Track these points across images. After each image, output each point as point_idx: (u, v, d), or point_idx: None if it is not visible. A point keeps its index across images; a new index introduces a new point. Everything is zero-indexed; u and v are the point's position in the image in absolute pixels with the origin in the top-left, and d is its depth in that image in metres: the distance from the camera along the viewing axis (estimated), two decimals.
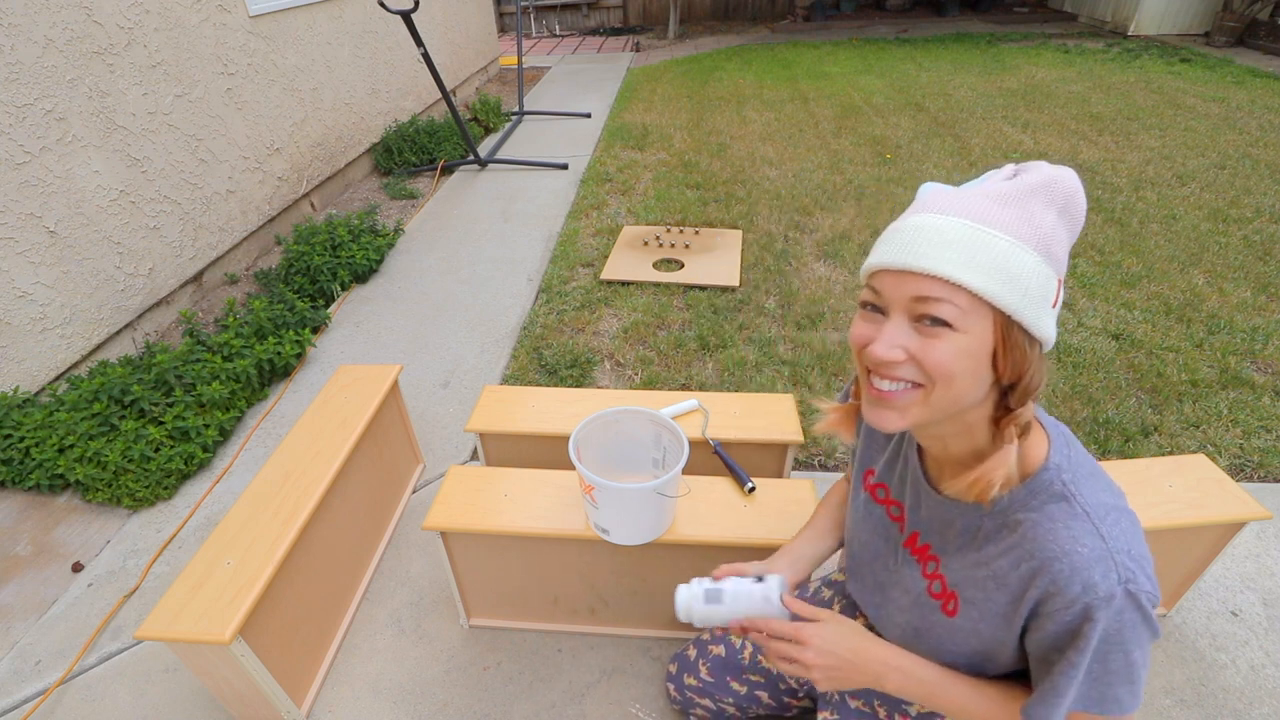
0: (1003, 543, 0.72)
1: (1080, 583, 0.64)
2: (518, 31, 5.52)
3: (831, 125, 4.98)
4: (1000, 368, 0.65)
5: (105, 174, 2.46)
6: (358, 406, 1.69)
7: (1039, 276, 0.63)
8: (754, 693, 1.20)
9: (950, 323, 0.63)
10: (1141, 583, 0.64)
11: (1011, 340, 0.64)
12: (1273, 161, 3.99)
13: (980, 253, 0.62)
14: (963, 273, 0.61)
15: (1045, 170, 0.65)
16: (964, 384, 0.65)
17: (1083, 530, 0.66)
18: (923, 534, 0.84)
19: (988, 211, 0.63)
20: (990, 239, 0.62)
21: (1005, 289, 0.61)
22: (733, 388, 2.33)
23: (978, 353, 0.64)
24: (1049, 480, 0.69)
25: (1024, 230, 0.63)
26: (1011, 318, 0.62)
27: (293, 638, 1.39)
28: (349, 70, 4.08)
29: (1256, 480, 1.91)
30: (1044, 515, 0.68)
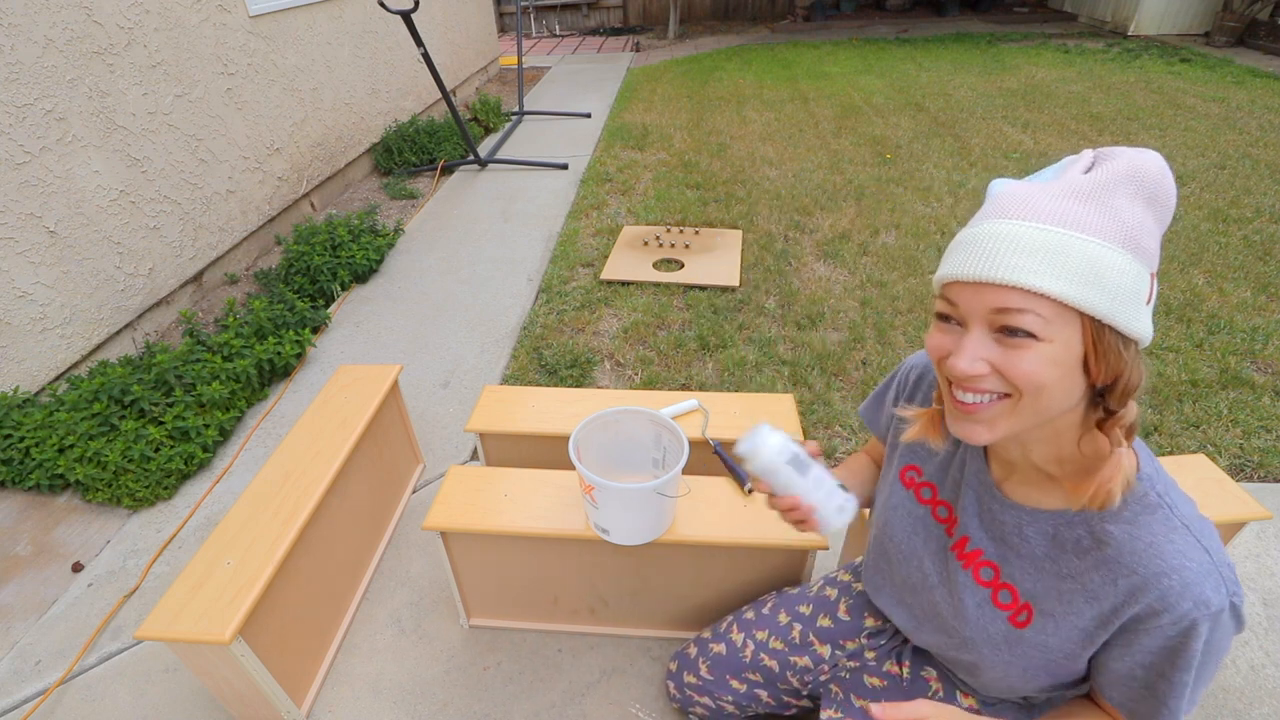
0: (1093, 556, 0.69)
1: (1191, 599, 0.62)
2: (518, 31, 5.53)
3: (831, 125, 4.98)
4: (1093, 372, 0.61)
5: (105, 174, 2.46)
6: (358, 406, 1.69)
7: (1129, 275, 0.58)
8: (753, 691, 1.20)
9: (1034, 333, 0.60)
10: (1240, 593, 0.64)
11: (1104, 344, 0.60)
12: (1273, 161, 3.99)
13: (1063, 258, 0.58)
14: (1045, 281, 0.58)
15: (1127, 158, 0.60)
16: (1054, 392, 0.62)
17: (1186, 544, 0.64)
18: (974, 539, 0.80)
19: (1068, 211, 0.59)
20: (1072, 242, 0.58)
21: (1093, 293, 0.58)
22: (733, 388, 2.33)
23: (1066, 360, 0.60)
24: (1143, 491, 0.66)
25: (1109, 228, 0.59)
26: (1102, 321, 0.59)
27: (293, 638, 1.39)
28: (349, 70, 4.08)
29: (1256, 480, 1.91)
30: (1141, 528, 0.65)
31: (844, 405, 2.21)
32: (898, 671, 1.03)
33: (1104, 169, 0.61)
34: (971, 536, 0.80)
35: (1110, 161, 0.61)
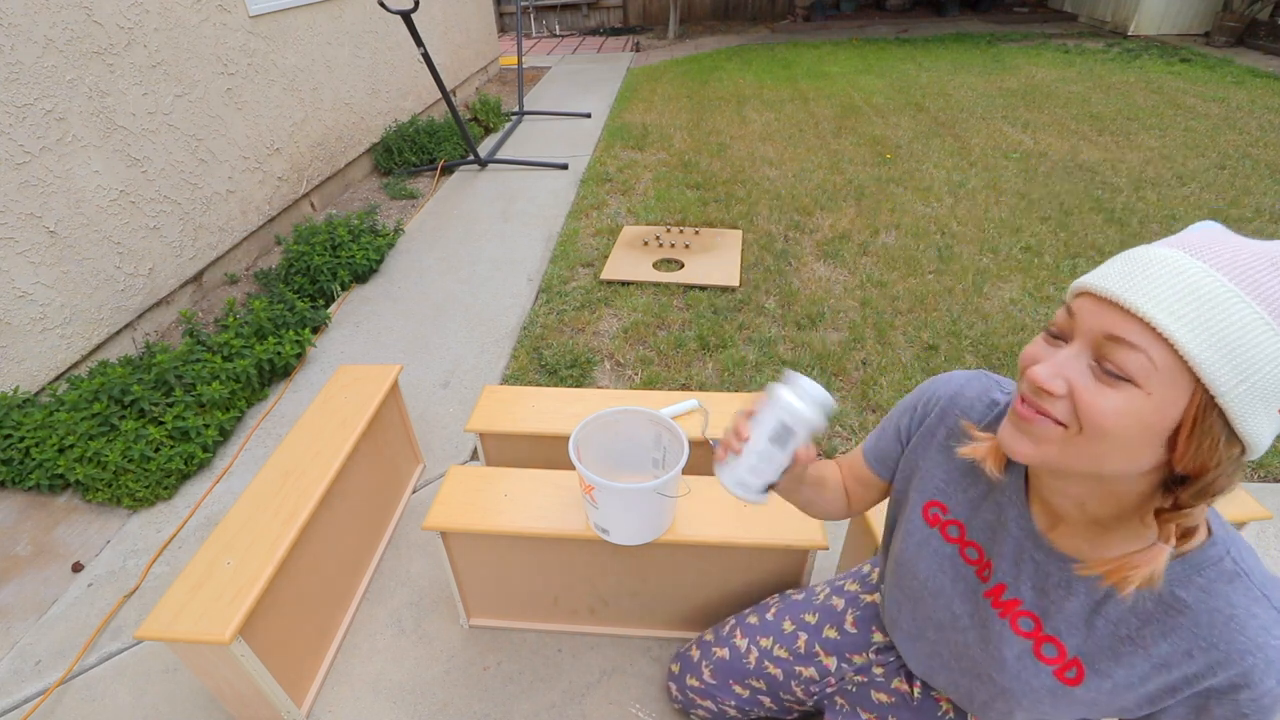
0: (1160, 623, 0.64)
1: (1276, 676, 0.59)
2: (518, 31, 5.53)
3: (831, 125, 4.98)
4: (1179, 451, 0.54)
5: (105, 174, 2.46)
6: (358, 406, 1.69)
7: (1275, 366, 0.50)
8: (756, 697, 1.19)
9: (1134, 377, 0.53)
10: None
11: (1205, 425, 0.52)
12: (1273, 161, 3.99)
13: (1210, 311, 0.50)
14: (1176, 325, 0.50)
15: None
16: (1118, 450, 0.56)
17: (1269, 618, 0.60)
18: (1011, 587, 0.75)
19: (1254, 271, 0.51)
20: (1233, 300, 0.50)
21: (1222, 362, 0.50)
22: (733, 388, 2.33)
23: (1153, 423, 0.53)
24: (1217, 556, 0.61)
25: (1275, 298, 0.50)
26: (1215, 399, 0.51)
27: (293, 638, 1.39)
28: (349, 70, 4.08)
29: (1256, 480, 1.91)
30: (1218, 598, 0.61)
31: (843, 405, 2.21)
32: (907, 689, 1.01)
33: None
34: (1009, 584, 0.75)
35: None
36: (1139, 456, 0.56)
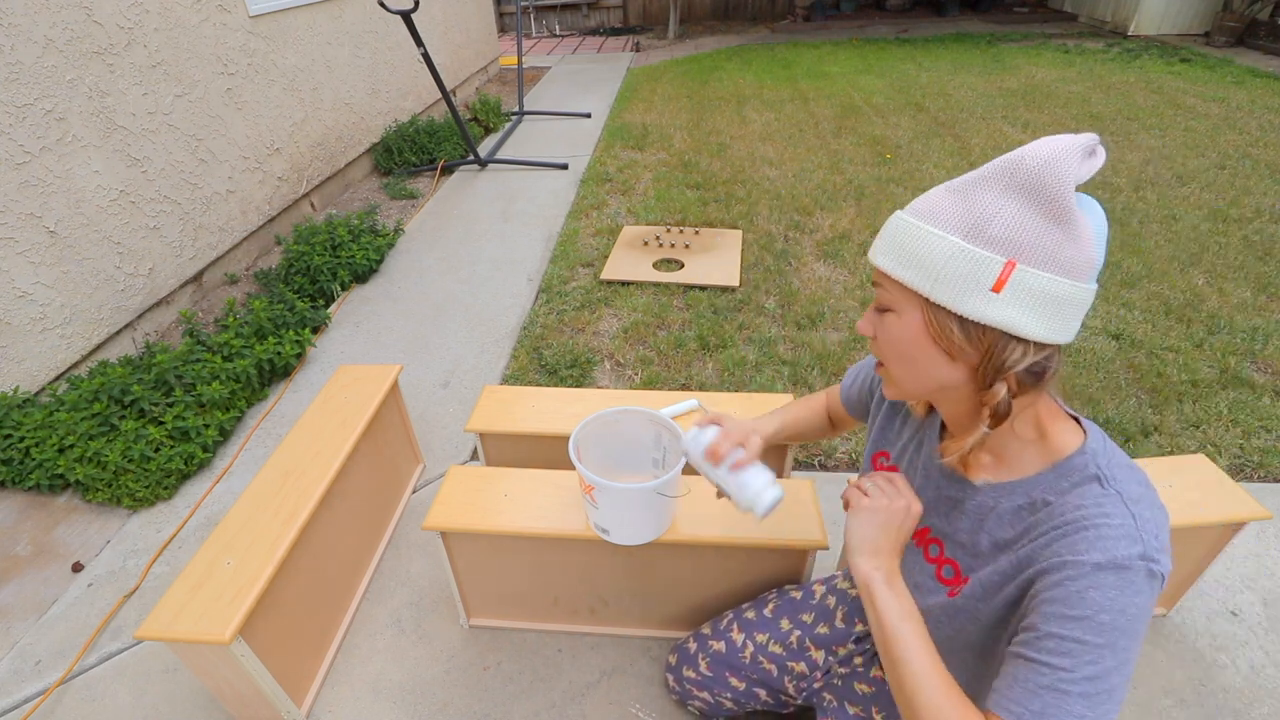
0: (1025, 520, 0.70)
1: (1101, 551, 0.61)
2: (518, 31, 5.53)
3: (831, 125, 4.98)
4: (944, 348, 0.66)
5: (105, 174, 2.46)
6: (358, 406, 1.69)
7: (958, 259, 0.62)
8: (752, 689, 1.20)
9: (889, 306, 0.69)
10: (1163, 566, 0.61)
11: (939, 323, 0.65)
12: (1273, 161, 3.99)
13: (898, 242, 0.66)
14: (886, 262, 0.67)
15: (1016, 152, 0.63)
16: (913, 363, 0.69)
17: (1114, 508, 0.63)
18: (924, 516, 0.81)
19: (932, 202, 0.66)
20: (909, 228, 0.66)
21: (914, 274, 0.64)
22: (733, 388, 2.33)
23: (914, 335, 0.67)
24: (1083, 464, 0.67)
25: (953, 218, 0.63)
26: (930, 300, 0.64)
27: (293, 638, 1.39)
28: (349, 70, 4.08)
29: (1256, 480, 1.91)
30: (1076, 496, 0.66)
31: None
32: (881, 676, 1.03)
33: (997, 160, 0.64)
34: (923, 513, 0.82)
35: (1012, 152, 0.63)
36: (934, 364, 0.68)
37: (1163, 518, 0.65)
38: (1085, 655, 0.60)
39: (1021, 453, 0.70)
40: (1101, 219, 0.64)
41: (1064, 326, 0.63)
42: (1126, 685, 0.62)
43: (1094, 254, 0.62)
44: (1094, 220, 0.63)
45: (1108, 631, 0.60)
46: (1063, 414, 0.72)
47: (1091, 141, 0.61)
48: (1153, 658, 1.46)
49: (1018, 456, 0.71)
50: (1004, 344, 0.63)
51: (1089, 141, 0.61)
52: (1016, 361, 0.63)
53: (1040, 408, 0.70)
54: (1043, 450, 0.69)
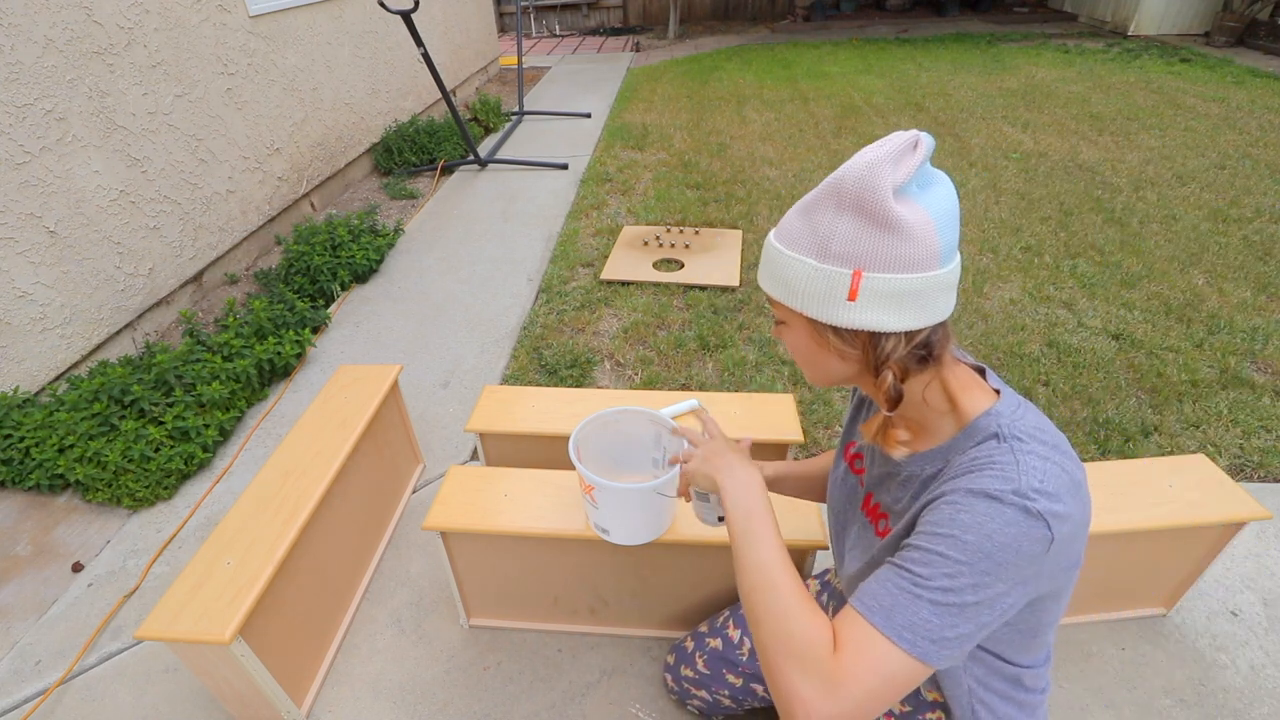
0: (939, 479, 0.72)
1: (977, 484, 0.64)
2: (518, 31, 5.53)
3: (831, 125, 4.98)
4: (833, 349, 0.72)
5: (105, 174, 2.46)
6: (358, 406, 1.69)
7: (815, 278, 0.68)
8: (749, 686, 1.21)
9: (784, 321, 0.77)
10: (1041, 506, 0.61)
11: (818, 333, 0.72)
12: (1273, 161, 3.98)
13: (771, 268, 0.74)
14: (766, 287, 0.75)
15: (837, 172, 0.68)
16: (814, 364, 0.77)
17: (1004, 458, 0.66)
18: (875, 494, 0.86)
19: (789, 227, 0.72)
20: (776, 255, 0.73)
21: (786, 296, 0.72)
22: (733, 388, 2.33)
23: (805, 343, 0.75)
24: (987, 424, 0.70)
25: (804, 241, 0.70)
26: (804, 314, 0.71)
27: (293, 638, 1.39)
28: (349, 70, 4.08)
29: (1256, 480, 1.91)
30: (977, 449, 0.69)
31: (844, 405, 2.21)
32: None
33: (826, 180, 0.69)
34: (873, 492, 0.87)
35: (836, 172, 0.68)
36: (827, 362, 0.75)
37: (1054, 469, 0.65)
38: (943, 567, 0.63)
39: (938, 423, 0.75)
40: (945, 200, 0.67)
41: (927, 311, 0.68)
42: (987, 612, 0.62)
43: (934, 243, 0.65)
44: (933, 207, 0.66)
45: (969, 550, 0.62)
46: (976, 384, 0.75)
47: (909, 140, 0.65)
48: (1153, 658, 1.47)
49: (935, 426, 0.75)
50: (876, 340, 0.69)
51: (903, 143, 0.65)
52: (892, 351, 0.69)
53: (949, 380, 0.74)
54: (955, 418, 0.74)
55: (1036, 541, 0.61)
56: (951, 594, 0.62)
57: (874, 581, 0.67)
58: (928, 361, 0.71)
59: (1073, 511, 0.64)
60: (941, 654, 0.62)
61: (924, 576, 0.63)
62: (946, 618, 0.62)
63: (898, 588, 0.64)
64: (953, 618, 0.62)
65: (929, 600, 0.62)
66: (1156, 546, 1.40)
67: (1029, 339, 2.51)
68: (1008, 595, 0.63)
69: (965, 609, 0.62)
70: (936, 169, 0.69)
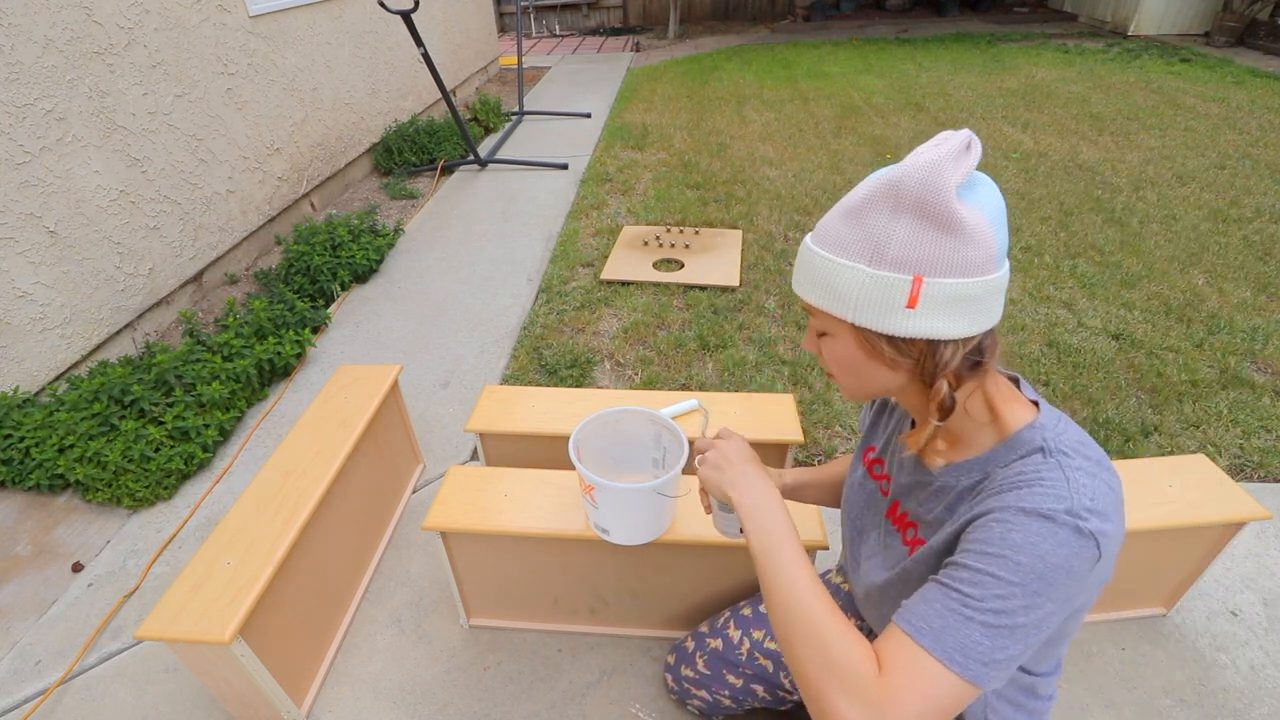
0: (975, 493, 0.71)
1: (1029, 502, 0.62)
2: (518, 31, 5.53)
3: (831, 125, 4.98)
4: (884, 361, 0.69)
5: (105, 174, 2.46)
6: (358, 406, 1.69)
7: (869, 285, 0.65)
8: (749, 686, 1.21)
9: (825, 331, 0.73)
10: (1093, 526, 0.61)
11: (870, 342, 0.68)
12: (1273, 161, 3.98)
13: (812, 274, 0.69)
14: (809, 296, 0.71)
15: (897, 171, 0.63)
16: (861, 376, 0.72)
17: (1052, 475, 0.64)
18: (902, 502, 0.84)
19: (832, 231, 0.68)
20: (820, 261, 0.68)
21: (835, 305, 0.68)
22: (733, 388, 2.33)
23: (852, 354, 0.71)
24: (1030, 438, 0.69)
25: (854, 246, 0.66)
26: (856, 325, 0.67)
27: (293, 638, 1.39)
28: (349, 70, 4.08)
29: (1256, 480, 1.91)
30: (1019, 463, 0.68)
31: (844, 405, 2.21)
32: None
33: (878, 180, 0.65)
34: (900, 500, 0.85)
35: (890, 171, 0.64)
36: (876, 373, 0.71)
37: (1102, 487, 0.64)
38: (995, 588, 0.61)
39: (976, 433, 0.73)
40: (995, 200, 0.65)
41: (984, 316, 0.66)
42: (1035, 632, 0.61)
43: (993, 245, 0.63)
44: (987, 208, 0.64)
45: (1022, 572, 0.60)
46: (1015, 395, 0.74)
47: (964, 141, 0.63)
48: (1153, 658, 1.47)
49: (973, 437, 0.73)
50: (933, 348, 0.67)
51: (959, 142, 0.62)
52: (949, 360, 0.67)
53: (990, 390, 0.72)
54: (996, 429, 0.72)
55: (1086, 561, 0.61)
56: (1004, 615, 0.60)
57: (921, 602, 0.64)
58: (978, 369, 0.69)
59: (1118, 529, 0.64)
60: (991, 675, 0.60)
61: (975, 598, 0.61)
62: (998, 639, 0.60)
63: (947, 609, 0.62)
64: (1004, 639, 0.60)
65: (980, 622, 0.60)
66: (1156, 546, 1.40)
67: (1029, 339, 2.51)
68: (1055, 615, 0.62)
69: (1016, 630, 0.60)
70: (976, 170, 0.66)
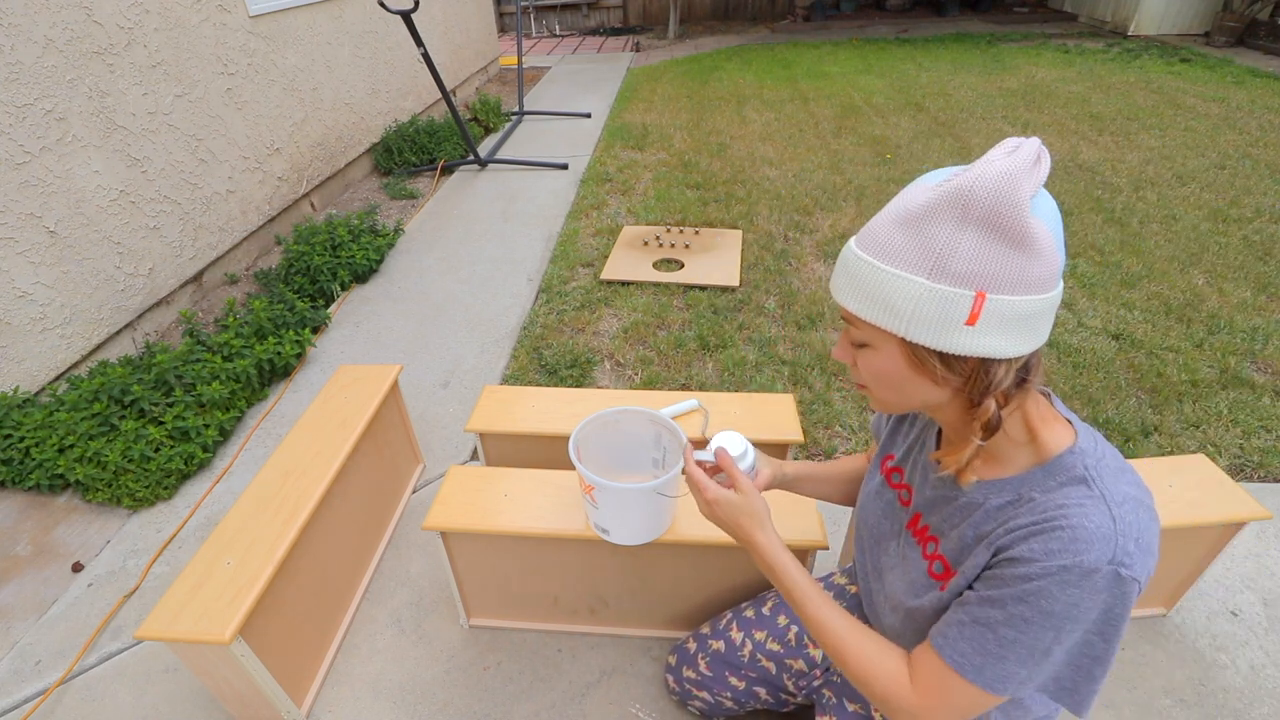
0: (1008, 514, 0.70)
1: (1072, 554, 0.62)
2: (518, 31, 5.53)
3: (831, 125, 4.98)
4: (932, 377, 0.67)
5: (105, 174, 2.46)
6: (358, 406, 1.69)
7: (927, 300, 0.62)
8: (752, 688, 1.20)
9: (866, 342, 0.69)
10: (1136, 570, 0.62)
11: (919, 357, 0.66)
12: (1273, 161, 3.98)
13: (861, 284, 0.65)
14: (855, 306, 0.67)
15: (968, 177, 0.60)
16: (901, 389, 0.70)
17: (1096, 510, 0.63)
18: (924, 515, 0.83)
19: (885, 238, 0.64)
20: (869, 270, 0.65)
21: (885, 318, 0.64)
22: (733, 388, 2.33)
23: (895, 367, 0.68)
24: (1071, 463, 0.67)
25: (912, 256, 0.62)
26: (908, 340, 0.64)
27: (293, 638, 1.39)
28: (349, 70, 4.08)
29: (1256, 480, 1.91)
30: (1060, 494, 0.66)
31: (844, 405, 2.21)
32: None
33: (944, 188, 0.62)
34: (922, 513, 0.83)
35: (957, 179, 0.61)
36: (919, 389, 0.69)
37: (1148, 520, 0.65)
38: (1030, 631, 0.65)
39: (1013, 452, 0.71)
40: (1055, 215, 0.63)
41: (1038, 335, 0.64)
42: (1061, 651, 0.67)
43: (1056, 261, 0.62)
44: (1050, 222, 0.61)
45: (1056, 619, 0.64)
46: (1054, 415, 0.72)
47: (1035, 150, 0.60)
48: (1153, 658, 1.47)
49: (1009, 456, 0.72)
50: (986, 367, 0.64)
51: (1032, 152, 0.60)
52: (1002, 379, 0.65)
53: (1029, 408, 0.70)
54: (1033, 450, 0.70)
55: (1127, 599, 0.63)
56: (1037, 652, 0.66)
57: (961, 637, 0.70)
58: (1023, 387, 0.67)
59: (1156, 558, 0.65)
60: (1023, 688, 0.69)
61: (1010, 640, 0.66)
62: (1030, 666, 0.67)
63: (984, 650, 0.68)
64: (1038, 665, 0.67)
65: (1015, 660, 0.67)
66: None
67: None
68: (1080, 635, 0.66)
69: (1051, 653, 0.67)
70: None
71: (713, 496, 0.90)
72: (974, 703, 0.70)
